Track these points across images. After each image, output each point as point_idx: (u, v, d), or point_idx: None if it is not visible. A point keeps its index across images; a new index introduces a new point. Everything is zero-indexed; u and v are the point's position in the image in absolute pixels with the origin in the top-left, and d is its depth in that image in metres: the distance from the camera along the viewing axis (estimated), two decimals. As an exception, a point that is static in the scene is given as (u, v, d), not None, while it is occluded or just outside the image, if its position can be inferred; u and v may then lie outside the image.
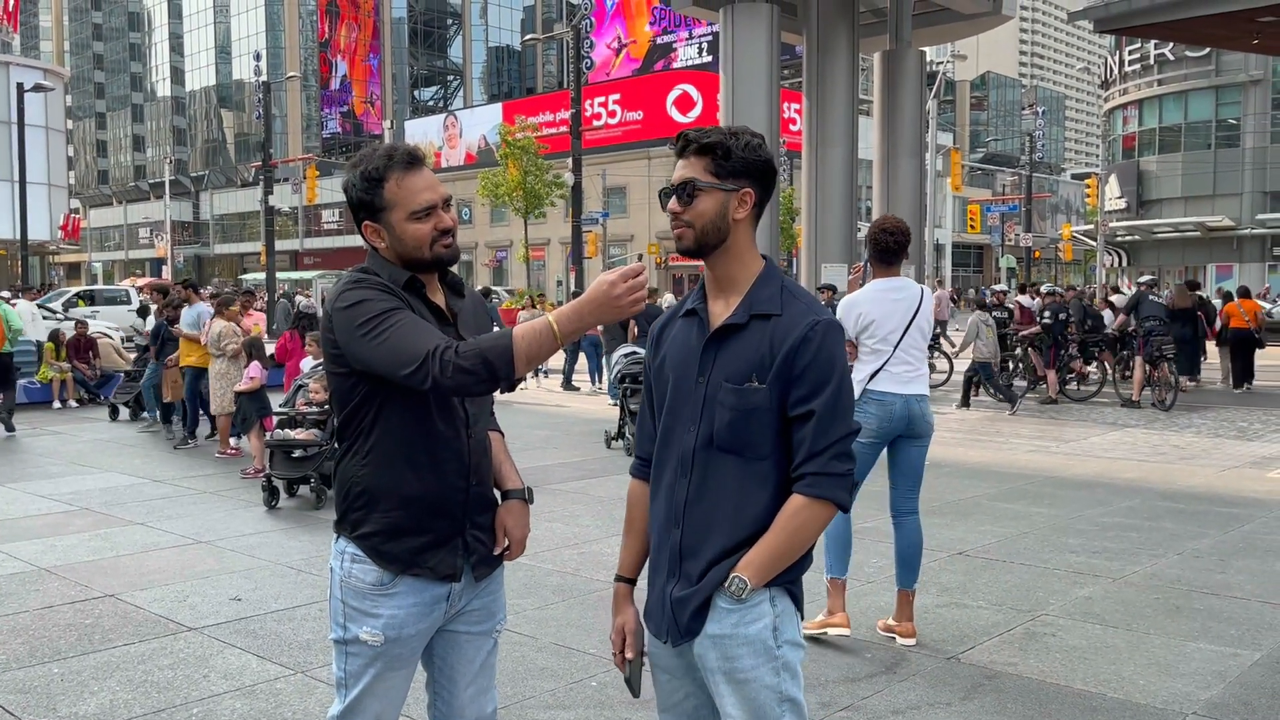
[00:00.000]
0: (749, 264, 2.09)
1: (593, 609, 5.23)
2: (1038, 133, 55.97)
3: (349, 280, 2.23)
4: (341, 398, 2.25)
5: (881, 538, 6.75)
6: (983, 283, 54.28)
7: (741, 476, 2.03)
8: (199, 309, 11.01)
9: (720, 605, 2.01)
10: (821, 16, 20.64)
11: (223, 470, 9.65)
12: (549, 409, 14.37)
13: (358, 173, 2.24)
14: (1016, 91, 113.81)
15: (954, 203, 59.10)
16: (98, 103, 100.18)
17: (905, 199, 22.03)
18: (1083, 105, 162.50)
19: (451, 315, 2.30)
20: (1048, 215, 75.20)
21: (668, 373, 2.13)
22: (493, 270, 55.40)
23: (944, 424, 12.72)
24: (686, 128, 2.16)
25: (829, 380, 1.99)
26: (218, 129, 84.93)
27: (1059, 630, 4.94)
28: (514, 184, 35.19)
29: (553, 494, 8.08)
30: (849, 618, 4.87)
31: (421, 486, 2.21)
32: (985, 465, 9.75)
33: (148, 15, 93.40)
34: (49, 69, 48.08)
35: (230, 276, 68.48)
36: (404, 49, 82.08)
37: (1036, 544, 6.64)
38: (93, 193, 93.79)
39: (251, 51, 65.16)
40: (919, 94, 22.41)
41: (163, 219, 62.58)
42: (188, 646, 4.71)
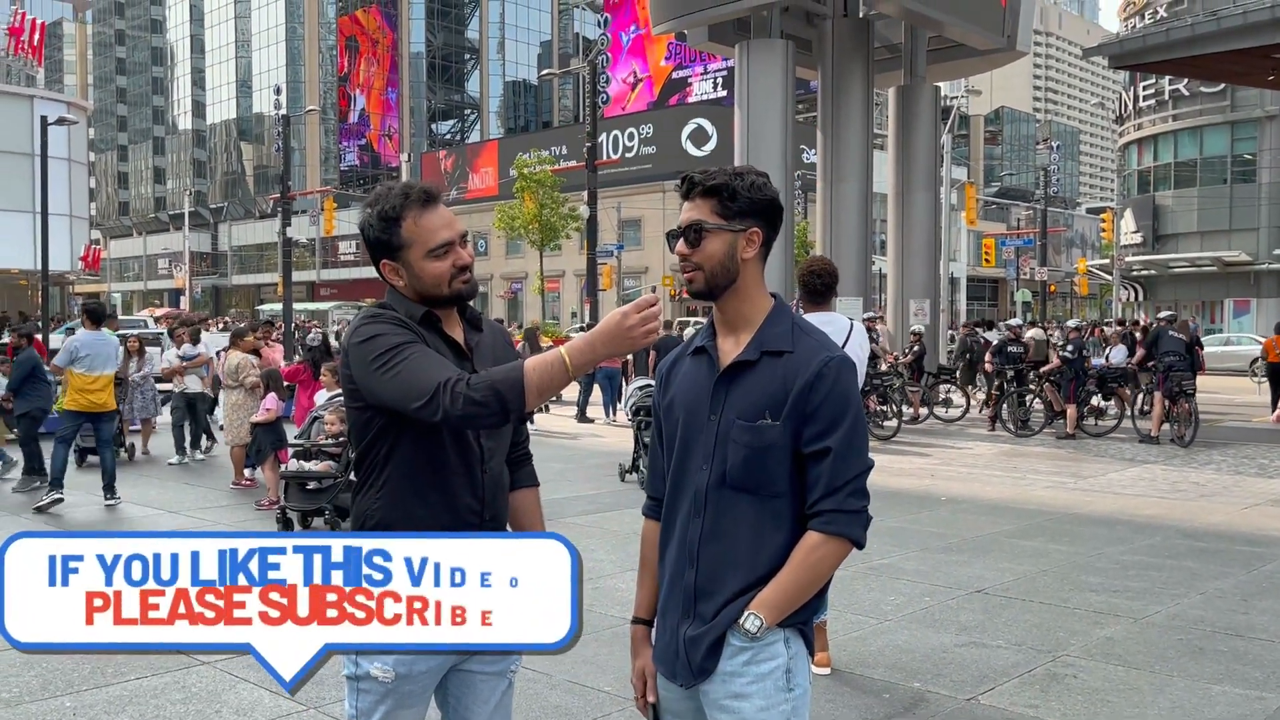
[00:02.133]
0: (759, 302, 2.09)
1: (608, 645, 5.18)
2: (1052, 167, 56.00)
3: (365, 315, 2.24)
4: (359, 431, 2.26)
5: (898, 575, 6.69)
6: (998, 316, 54.08)
7: (756, 515, 2.01)
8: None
9: (733, 643, 1.99)
10: (836, 52, 20.78)
11: (238, 501, 9.65)
12: (563, 441, 14.35)
13: (374, 212, 2.24)
14: (1031, 126, 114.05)
15: (969, 236, 59.06)
16: (120, 135, 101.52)
17: (920, 233, 22.06)
18: (1097, 140, 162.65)
19: (468, 350, 2.30)
20: (1063, 249, 75.07)
21: (677, 411, 2.12)
22: (508, 302, 55.60)
23: (960, 459, 12.63)
24: (701, 161, 2.17)
25: (844, 417, 1.98)
26: (237, 161, 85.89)
27: (1080, 671, 4.86)
28: (530, 216, 35.39)
29: (567, 527, 8.05)
30: (830, 656, 4.88)
31: (435, 521, 2.20)
32: (1002, 501, 9.66)
33: (171, 50, 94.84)
34: (73, 102, 48.74)
35: (247, 307, 68.95)
36: (422, 83, 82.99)
37: (1056, 582, 6.56)
38: (113, 224, 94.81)
39: (272, 85, 65.94)
40: (933, 128, 22.50)
41: (181, 250, 63.19)
42: (200, 681, 4.69)
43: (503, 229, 37.83)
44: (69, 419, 9.30)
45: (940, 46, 22.90)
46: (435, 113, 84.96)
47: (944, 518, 8.87)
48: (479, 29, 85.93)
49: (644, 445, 10.37)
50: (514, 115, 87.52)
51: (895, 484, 10.28)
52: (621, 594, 6.15)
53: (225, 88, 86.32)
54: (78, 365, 9.12)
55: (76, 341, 9.29)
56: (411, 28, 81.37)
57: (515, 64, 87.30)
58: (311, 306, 55.89)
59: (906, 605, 6.01)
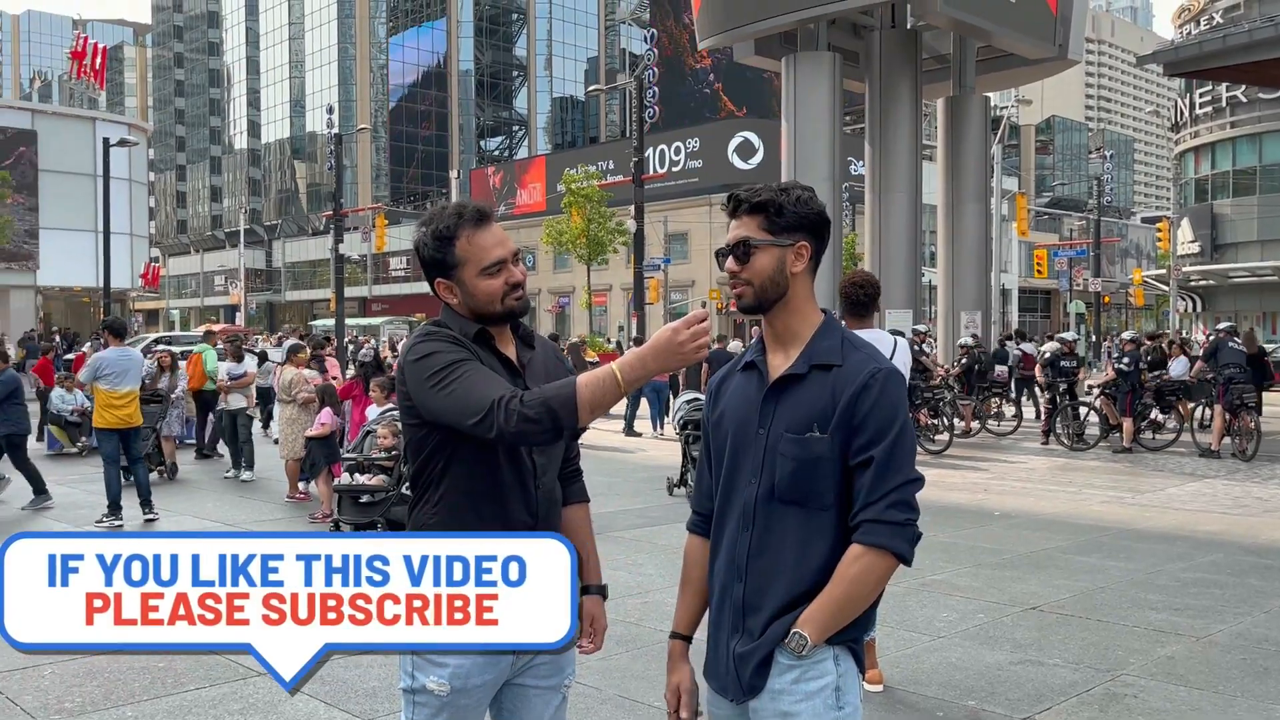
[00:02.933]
0: (808, 316, 2.09)
1: (657, 660, 5.18)
2: (1106, 176, 55.03)
3: (421, 334, 2.28)
4: (414, 448, 2.30)
5: (951, 591, 6.61)
6: (1050, 329, 53.19)
7: (804, 529, 2.01)
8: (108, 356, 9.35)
9: (781, 661, 1.98)
10: (884, 64, 20.67)
11: (291, 514, 9.80)
12: (611, 454, 14.37)
13: (429, 231, 2.28)
14: (1083, 135, 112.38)
15: (1020, 247, 58.26)
16: (178, 155, 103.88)
17: (970, 244, 21.84)
18: (1152, 148, 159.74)
19: (521, 366, 2.33)
20: (1117, 260, 73.73)
21: (726, 426, 2.13)
22: (555, 316, 55.89)
23: (1013, 473, 12.45)
24: (747, 174, 2.18)
25: (890, 428, 1.97)
26: (291, 179, 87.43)
27: (1140, 692, 4.76)
28: (577, 231, 35.59)
29: (615, 542, 8.05)
30: (882, 674, 4.85)
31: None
32: (1057, 516, 9.50)
33: (227, 72, 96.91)
34: (133, 124, 50.02)
35: (300, 322, 70.01)
36: (471, 100, 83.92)
37: (1114, 599, 6.43)
38: (171, 242, 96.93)
39: (324, 105, 67.12)
40: (983, 139, 22.27)
41: (237, 267, 64.42)
42: (257, 692, 4.76)
43: (550, 244, 38.07)
44: (105, 438, 9.22)
45: (990, 56, 22.69)
46: (484, 130, 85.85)
47: (997, 533, 8.74)
48: (527, 46, 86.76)
49: (692, 459, 10.36)
50: (561, 131, 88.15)
51: (947, 498, 10.16)
52: (670, 609, 6.10)
53: (279, 108, 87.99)
54: (102, 381, 9.04)
55: (102, 358, 9.21)
56: (460, 46, 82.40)
57: (563, 80, 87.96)
58: (363, 321, 56.64)
59: (960, 622, 5.93)
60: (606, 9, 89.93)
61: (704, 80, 69.51)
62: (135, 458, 9.41)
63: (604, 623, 2.47)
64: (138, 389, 9.51)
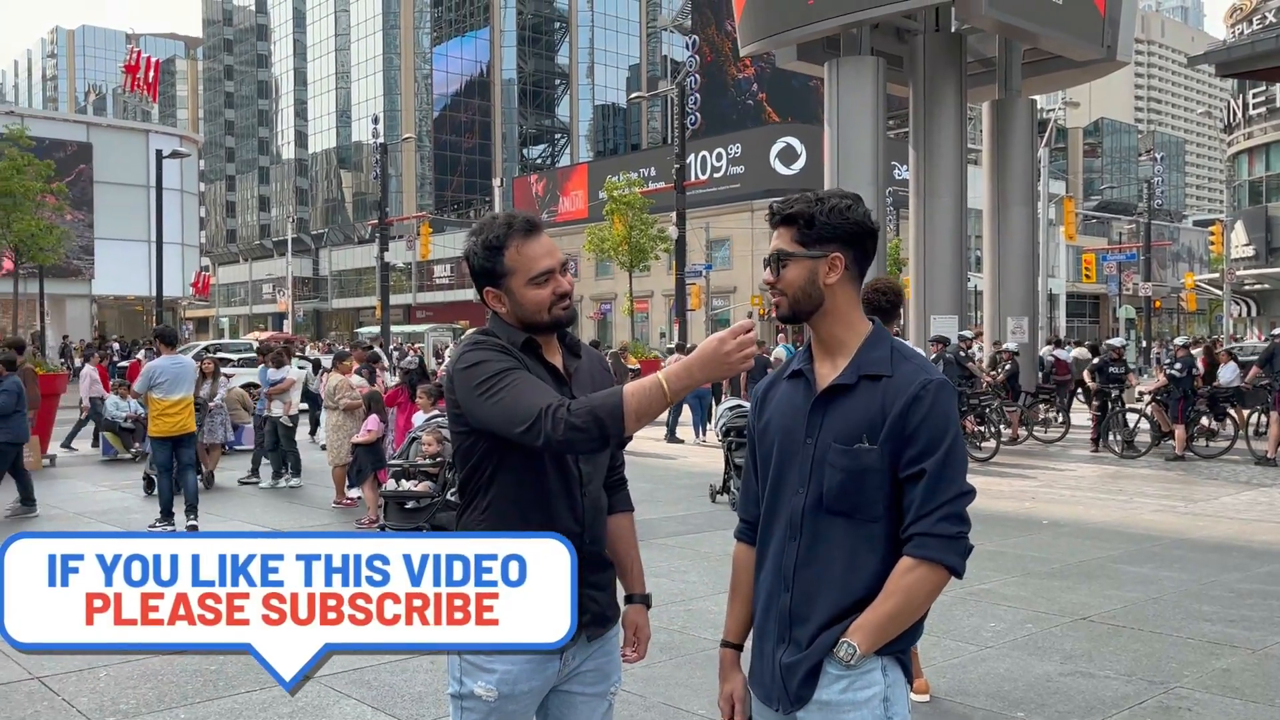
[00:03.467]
0: (854, 325, 2.08)
1: (701, 668, 5.17)
2: (1156, 179, 54.11)
3: (469, 342, 2.30)
4: (463, 456, 2.32)
5: (998, 600, 6.53)
6: (1099, 334, 52.36)
7: (852, 539, 2.00)
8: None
9: (830, 671, 1.98)
10: (928, 68, 20.49)
11: (339, 520, 9.92)
12: (653, 461, 14.38)
13: (479, 241, 2.31)
14: (1133, 137, 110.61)
15: (1068, 252, 57.46)
16: (228, 166, 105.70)
17: (1017, 249, 21.56)
18: (1204, 150, 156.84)
19: (567, 375, 2.35)
20: (1168, 264, 72.42)
21: (772, 435, 2.13)
22: (597, 323, 56.05)
23: (1062, 481, 12.27)
24: (789, 180, 2.18)
25: (941, 440, 1.96)
26: (337, 189, 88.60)
27: (1195, 705, 4.67)
28: (619, 238, 35.68)
29: (658, 549, 8.05)
30: (928, 683, 4.81)
31: None
32: (1108, 525, 9.34)
33: (275, 83, 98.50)
34: (185, 135, 50.99)
35: (346, 329, 70.88)
36: (514, 109, 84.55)
37: (1167, 610, 6.32)
38: (221, 251, 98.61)
39: (369, 115, 67.97)
40: (1030, 142, 21.99)
41: (284, 275, 65.36)
42: (306, 695, 4.82)
43: (592, 251, 38.21)
44: (159, 446, 9.26)
45: (1036, 59, 22.40)
46: (526, 138, 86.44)
47: (1045, 541, 8.62)
48: (569, 55, 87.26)
49: (735, 466, 10.34)
50: (603, 138, 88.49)
51: (994, 506, 10.03)
52: (713, 616, 6.13)
53: (326, 118, 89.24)
54: (156, 390, 9.08)
55: (155, 366, 9.24)
56: (503, 55, 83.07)
57: (604, 88, 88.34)
58: (408, 329, 57.18)
59: (1007, 632, 5.85)
60: (648, 16, 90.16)
61: (747, 91, 69.33)
62: (186, 464, 9.42)
63: (648, 632, 2.48)
64: (190, 396, 9.56)
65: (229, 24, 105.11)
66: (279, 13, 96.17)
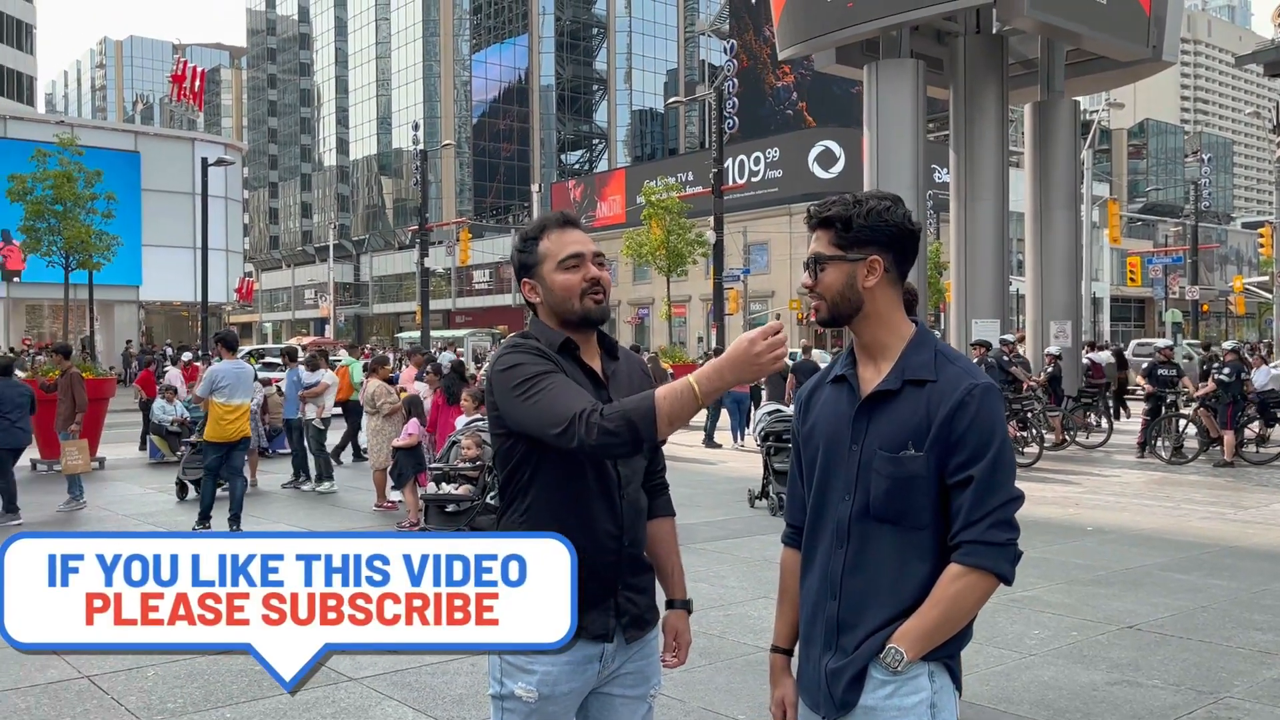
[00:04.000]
0: (897, 328, 2.07)
1: (740, 674, 5.15)
2: (1203, 180, 53.16)
3: (508, 345, 2.34)
4: (502, 458, 2.34)
5: (1042, 607, 6.44)
6: (1144, 338, 51.49)
7: (900, 547, 1.99)
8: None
9: (875, 676, 1.96)
10: (969, 70, 20.30)
11: (380, 523, 10.01)
12: (692, 465, 14.36)
13: (519, 237, 2.43)
14: (1179, 138, 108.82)
15: (1112, 255, 56.62)
16: (271, 173, 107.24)
17: (1060, 252, 21.28)
18: (1252, 150, 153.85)
19: (605, 378, 2.36)
20: (1216, 267, 71.16)
21: (818, 440, 2.11)
22: (635, 328, 56.12)
23: (1107, 487, 12.09)
24: (828, 184, 2.18)
25: (989, 445, 1.94)
26: (378, 195, 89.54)
27: (1246, 715, 4.58)
28: (657, 243, 35.70)
29: (697, 553, 8.04)
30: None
31: (574, 547, 2.24)
32: (1155, 532, 9.19)
33: (317, 91, 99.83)
34: (229, 144, 51.81)
35: (387, 335, 71.57)
36: (552, 115, 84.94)
37: (1217, 619, 6.20)
38: (264, 257, 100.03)
39: (410, 122, 68.63)
40: (1073, 144, 21.70)
41: (326, 281, 66.18)
42: (348, 696, 4.87)
43: (630, 256, 38.27)
44: (212, 450, 9.27)
45: (1079, 60, 22.10)
46: (564, 143, 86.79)
47: (1090, 548, 8.49)
48: (606, 60, 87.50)
49: (773, 471, 10.29)
50: (641, 143, 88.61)
51: (1037, 512, 9.91)
52: (753, 621, 6.10)
53: (367, 125, 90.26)
54: (218, 395, 9.14)
55: (217, 371, 9.27)
56: (541, 61, 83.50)
57: (642, 93, 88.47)
58: (448, 333, 57.64)
59: (1052, 640, 5.77)
60: (686, 21, 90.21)
61: (785, 100, 68.98)
62: (235, 469, 9.53)
63: (688, 638, 2.48)
64: (249, 402, 9.61)
65: (272, 33, 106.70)
66: (321, 22, 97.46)
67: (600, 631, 2.26)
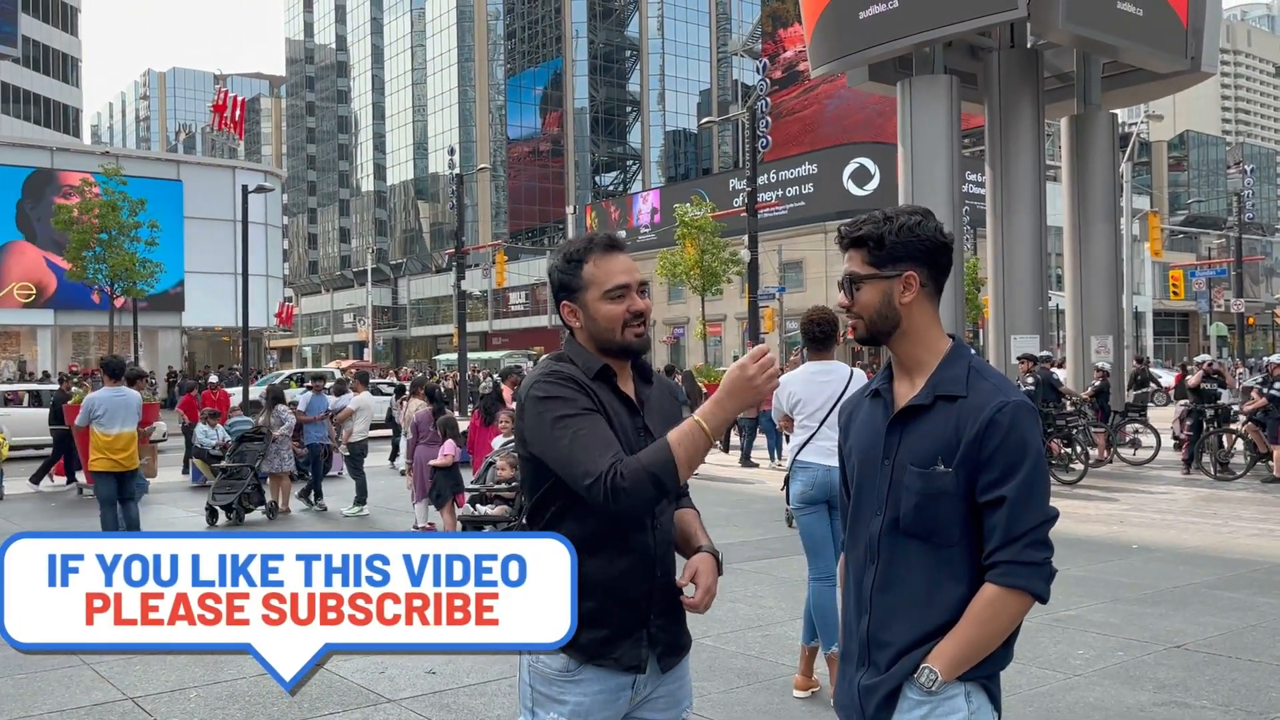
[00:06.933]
0: (933, 343, 2.06)
1: (779, 695, 5.11)
2: (1246, 191, 52.35)
3: (545, 371, 2.29)
4: (531, 484, 2.31)
5: (1086, 626, 6.33)
6: (1189, 353, 50.69)
7: (929, 563, 1.97)
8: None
9: (910, 696, 1.95)
10: (1004, 85, 20.18)
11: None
12: (728, 486, 14.30)
13: (561, 255, 2.36)
14: (1220, 149, 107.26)
15: (1154, 268, 55.84)
16: (310, 199, 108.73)
17: (1100, 267, 21.01)
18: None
19: (640, 404, 2.34)
20: (1261, 279, 69.91)
21: (854, 456, 2.11)
22: (670, 347, 56.10)
23: (1154, 504, 11.88)
24: (863, 201, 2.18)
25: (1021, 464, 1.92)
26: (415, 219, 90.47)
27: (1299, 738, 4.47)
28: (691, 263, 35.71)
29: (734, 573, 7.99)
30: (805, 680, 5.02)
31: (606, 577, 2.21)
32: (1202, 549, 9.01)
33: (355, 118, 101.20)
34: (269, 171, 52.66)
35: (425, 357, 72.08)
36: (586, 137, 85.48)
37: (1267, 638, 6.06)
38: (304, 282, 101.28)
39: (446, 146, 69.36)
40: (1111, 158, 21.45)
41: (365, 305, 66.84)
42: (387, 718, 4.89)
43: (664, 276, 38.32)
44: (102, 481, 8.91)
45: (1116, 72, 21.88)
46: (599, 165, 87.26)
47: (1135, 566, 8.34)
48: (639, 82, 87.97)
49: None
50: (674, 164, 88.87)
51: (1080, 530, 9.75)
52: (791, 642, 6.05)
53: (403, 150, 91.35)
54: (96, 424, 8.72)
55: (95, 399, 8.83)
56: (575, 84, 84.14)
57: (675, 114, 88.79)
58: (484, 355, 57.95)
59: (1097, 660, 5.67)
60: (718, 42, 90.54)
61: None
62: (127, 497, 9.08)
63: (709, 580, 2.25)
64: (134, 430, 9.04)
65: (310, 62, 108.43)
66: (358, 50, 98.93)
67: (633, 663, 2.23)
